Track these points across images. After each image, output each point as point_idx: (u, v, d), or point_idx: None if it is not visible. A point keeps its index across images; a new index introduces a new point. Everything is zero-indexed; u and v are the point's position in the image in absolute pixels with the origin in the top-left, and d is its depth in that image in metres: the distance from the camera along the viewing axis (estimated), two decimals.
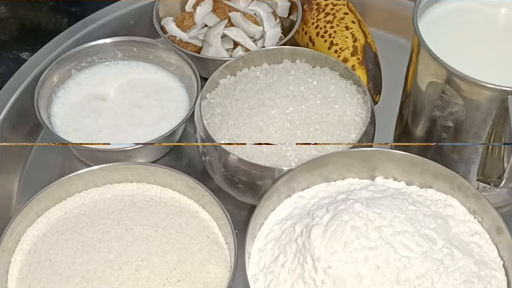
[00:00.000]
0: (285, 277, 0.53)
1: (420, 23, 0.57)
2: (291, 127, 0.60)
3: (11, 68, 0.75)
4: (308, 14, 0.74)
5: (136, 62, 0.73)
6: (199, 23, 0.75)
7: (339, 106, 0.62)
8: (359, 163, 0.59)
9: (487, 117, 0.55)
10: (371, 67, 0.69)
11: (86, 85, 0.71)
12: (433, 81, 0.57)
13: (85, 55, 0.71)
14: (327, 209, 0.54)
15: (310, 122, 0.61)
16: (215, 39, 0.72)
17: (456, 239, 0.54)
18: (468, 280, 0.51)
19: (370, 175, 0.60)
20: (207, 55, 0.72)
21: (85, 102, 0.70)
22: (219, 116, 0.62)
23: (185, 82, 0.70)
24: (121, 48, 0.72)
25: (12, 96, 0.70)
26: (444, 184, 0.58)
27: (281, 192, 0.58)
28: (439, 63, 0.54)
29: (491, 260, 0.54)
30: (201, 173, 0.64)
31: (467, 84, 0.54)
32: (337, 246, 0.51)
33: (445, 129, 0.58)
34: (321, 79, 0.64)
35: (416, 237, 0.52)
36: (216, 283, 0.55)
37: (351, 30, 0.71)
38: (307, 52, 0.67)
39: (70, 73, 0.71)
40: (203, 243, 0.58)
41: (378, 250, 0.51)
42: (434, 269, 0.51)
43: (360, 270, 0.50)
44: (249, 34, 0.73)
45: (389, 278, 0.50)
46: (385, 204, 0.54)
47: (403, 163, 0.59)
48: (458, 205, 0.57)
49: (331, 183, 0.60)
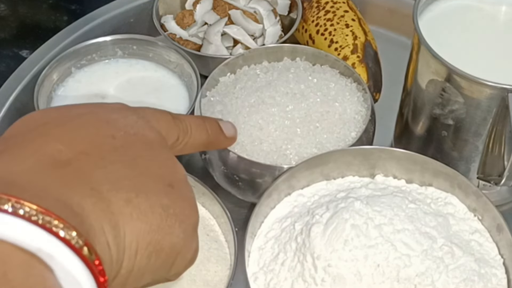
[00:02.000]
0: (285, 275, 0.53)
1: (420, 21, 0.57)
2: (291, 125, 0.60)
3: (11, 66, 0.75)
4: (308, 12, 0.74)
5: (136, 60, 0.73)
6: (199, 21, 0.75)
7: (339, 104, 0.62)
8: (359, 161, 0.59)
9: (487, 115, 0.55)
10: (371, 65, 0.69)
11: (86, 83, 0.71)
12: (433, 79, 0.56)
13: (85, 53, 0.71)
14: (327, 207, 0.54)
15: (310, 120, 0.61)
16: (215, 37, 0.72)
17: (456, 237, 0.54)
18: (468, 278, 0.51)
19: (370, 173, 0.60)
20: (207, 53, 0.72)
21: (85, 100, 0.69)
22: (219, 114, 0.62)
23: (185, 80, 0.70)
24: (121, 46, 0.72)
25: (11, 94, 0.70)
26: (444, 182, 0.58)
27: (281, 190, 0.58)
28: (439, 61, 0.54)
29: (491, 258, 0.54)
30: (201, 171, 0.64)
31: (467, 82, 0.54)
32: (337, 244, 0.51)
33: (445, 127, 0.58)
34: (321, 77, 0.64)
35: (416, 235, 0.52)
36: (216, 281, 0.55)
37: (351, 28, 0.71)
38: (307, 50, 0.67)
39: (70, 71, 0.71)
40: (203, 241, 0.58)
41: (378, 248, 0.51)
42: (434, 267, 0.51)
43: (360, 268, 0.50)
44: (249, 32, 0.73)
45: (389, 276, 0.50)
46: (385, 202, 0.54)
47: (403, 161, 0.59)
48: (458, 203, 0.57)
49: (331, 181, 0.60)
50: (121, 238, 0.34)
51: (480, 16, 0.60)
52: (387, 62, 0.72)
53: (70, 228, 0.30)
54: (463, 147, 0.59)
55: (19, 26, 0.85)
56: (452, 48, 0.56)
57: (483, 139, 0.57)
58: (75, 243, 0.30)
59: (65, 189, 0.33)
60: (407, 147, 0.61)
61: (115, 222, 0.34)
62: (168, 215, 0.36)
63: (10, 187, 0.30)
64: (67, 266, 0.29)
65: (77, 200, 0.32)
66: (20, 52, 0.82)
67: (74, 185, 0.33)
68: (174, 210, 0.37)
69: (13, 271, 0.28)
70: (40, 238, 0.29)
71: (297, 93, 0.62)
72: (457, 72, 0.54)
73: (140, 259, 0.35)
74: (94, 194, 0.33)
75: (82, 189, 0.33)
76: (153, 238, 0.35)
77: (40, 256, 0.29)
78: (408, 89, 0.62)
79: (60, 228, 0.29)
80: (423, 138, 0.61)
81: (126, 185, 0.35)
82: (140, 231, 0.35)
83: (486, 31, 0.59)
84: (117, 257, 0.34)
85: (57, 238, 0.29)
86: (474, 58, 0.56)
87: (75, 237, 0.30)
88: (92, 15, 0.78)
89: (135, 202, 0.35)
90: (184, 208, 0.38)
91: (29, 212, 0.29)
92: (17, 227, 0.28)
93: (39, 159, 0.34)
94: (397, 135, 0.67)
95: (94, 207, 0.33)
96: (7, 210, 0.29)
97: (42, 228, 0.29)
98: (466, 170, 0.60)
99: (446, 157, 0.60)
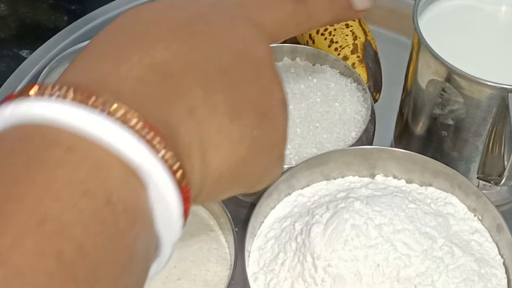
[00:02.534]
0: (285, 275, 0.53)
1: (420, 21, 0.57)
2: (291, 125, 0.60)
3: (11, 66, 0.75)
4: None
5: None
6: None
7: (339, 104, 0.62)
8: (359, 161, 0.59)
9: (487, 115, 0.55)
10: (371, 65, 0.69)
11: None
12: (433, 79, 0.56)
13: None
14: (327, 207, 0.54)
15: (310, 120, 0.61)
16: None
17: (456, 237, 0.54)
18: (468, 278, 0.51)
19: (370, 173, 0.60)
20: None
21: None
22: None
23: None
24: None
25: None
26: (444, 182, 0.58)
27: (281, 190, 0.58)
28: (439, 61, 0.54)
29: (491, 258, 0.54)
30: None
31: (467, 82, 0.54)
32: (337, 244, 0.51)
33: (445, 127, 0.58)
34: (321, 77, 0.64)
35: (416, 235, 0.52)
36: (216, 281, 0.55)
37: (351, 28, 0.71)
38: (307, 50, 0.67)
39: None
40: (203, 241, 0.58)
41: (378, 248, 0.51)
42: (434, 267, 0.51)
43: (360, 268, 0.50)
44: None
45: (389, 276, 0.50)
46: (385, 202, 0.54)
47: (403, 161, 0.58)
48: (458, 203, 0.57)
49: (331, 181, 0.60)
50: (207, 165, 0.33)
51: (480, 16, 0.60)
52: (387, 62, 0.71)
53: (169, 149, 0.29)
54: (463, 147, 0.59)
55: (19, 26, 0.85)
56: (452, 48, 0.56)
57: (483, 139, 0.57)
58: (172, 164, 0.28)
59: (165, 106, 0.31)
60: (407, 147, 0.61)
61: (204, 149, 0.33)
62: (256, 146, 0.35)
63: (117, 94, 0.29)
64: (161, 187, 0.28)
65: (173, 120, 0.31)
66: (20, 52, 0.82)
67: (173, 103, 0.32)
68: (262, 141, 0.36)
69: (112, 179, 0.27)
70: (143, 154, 0.28)
71: (297, 93, 0.62)
72: (457, 72, 0.54)
73: (222, 184, 0.35)
74: (189, 117, 0.32)
75: (180, 109, 0.32)
76: (238, 168, 0.35)
77: (138, 172, 0.28)
78: (408, 89, 0.62)
79: (162, 147, 0.28)
80: (423, 138, 0.61)
81: (222, 111, 0.33)
82: (226, 160, 0.34)
83: (486, 31, 0.59)
84: (199, 182, 0.33)
85: (156, 157, 0.28)
86: (474, 58, 0.56)
87: (173, 159, 0.29)
88: (92, 15, 0.78)
89: (227, 131, 0.34)
90: (272, 139, 0.37)
91: (136, 125, 0.28)
92: (124, 139, 0.27)
93: (145, 67, 0.32)
94: (397, 135, 0.67)
95: (187, 131, 0.32)
96: (118, 118, 0.27)
97: (147, 144, 0.28)
98: (466, 170, 0.60)
99: (446, 157, 0.60)
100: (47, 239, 0.24)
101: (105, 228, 0.26)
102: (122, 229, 0.27)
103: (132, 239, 0.27)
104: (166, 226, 0.30)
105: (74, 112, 0.27)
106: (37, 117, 0.27)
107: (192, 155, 0.32)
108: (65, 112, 0.27)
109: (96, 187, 0.26)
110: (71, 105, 0.27)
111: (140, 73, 0.31)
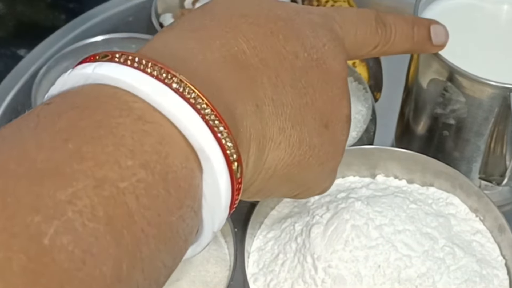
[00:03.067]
0: (285, 276, 0.52)
1: None
2: None
3: (9, 65, 0.75)
4: None
5: None
6: None
7: None
8: (360, 161, 0.59)
9: (489, 114, 0.55)
10: (372, 64, 0.69)
11: None
12: (435, 79, 0.56)
13: (83, 52, 0.71)
14: (327, 208, 0.54)
15: None
16: None
17: (457, 237, 0.54)
18: (470, 279, 0.51)
19: (371, 173, 0.60)
20: None
21: None
22: None
23: None
24: (120, 45, 0.72)
25: (9, 94, 0.70)
26: (445, 183, 0.58)
27: None
28: (440, 60, 0.54)
29: (493, 259, 0.54)
30: None
31: (469, 82, 0.54)
32: (337, 245, 0.51)
33: (446, 126, 0.58)
34: None
35: (417, 236, 0.51)
36: (215, 282, 0.55)
37: None
38: None
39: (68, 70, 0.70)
40: None
41: (379, 249, 0.50)
42: (436, 268, 0.51)
43: (360, 269, 0.50)
44: None
45: (390, 277, 0.50)
46: (386, 202, 0.54)
47: (404, 161, 0.58)
48: (459, 204, 0.57)
49: None
50: (262, 162, 0.34)
51: (481, 15, 0.59)
52: (388, 61, 0.71)
53: (231, 139, 0.30)
54: (464, 147, 0.58)
55: (16, 25, 0.85)
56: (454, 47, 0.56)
57: (485, 139, 0.57)
58: (230, 154, 0.30)
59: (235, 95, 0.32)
60: (408, 147, 0.61)
61: (263, 146, 0.34)
62: (312, 154, 0.36)
63: (193, 76, 0.30)
64: (216, 173, 0.29)
65: (239, 112, 0.32)
66: (17, 51, 0.81)
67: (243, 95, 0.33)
68: (319, 151, 0.37)
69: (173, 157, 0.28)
70: (207, 138, 0.29)
71: None
72: (459, 71, 0.53)
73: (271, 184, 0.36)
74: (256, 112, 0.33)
75: (248, 102, 0.33)
76: (290, 171, 0.36)
77: (199, 155, 0.29)
78: (409, 88, 0.62)
79: (224, 136, 0.29)
80: (424, 138, 0.61)
81: (287, 113, 0.35)
82: (281, 161, 0.35)
83: (488, 30, 0.59)
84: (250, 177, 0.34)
85: (218, 144, 0.29)
86: (475, 57, 0.56)
87: (232, 149, 0.30)
88: (90, 13, 0.77)
89: (287, 133, 0.35)
90: (329, 152, 0.38)
91: (204, 110, 0.29)
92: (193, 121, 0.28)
93: (224, 54, 0.33)
94: (398, 135, 0.67)
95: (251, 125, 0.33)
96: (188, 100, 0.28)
97: (210, 130, 0.29)
98: (467, 170, 0.59)
99: (447, 157, 0.59)
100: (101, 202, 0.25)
101: (156, 203, 0.27)
102: (171, 207, 0.27)
103: (178, 218, 0.28)
104: (212, 213, 0.30)
105: (151, 85, 0.28)
106: (115, 81, 0.28)
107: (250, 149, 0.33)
108: (143, 82, 0.28)
109: (156, 161, 0.27)
110: (148, 78, 0.28)
111: (218, 59, 0.32)
